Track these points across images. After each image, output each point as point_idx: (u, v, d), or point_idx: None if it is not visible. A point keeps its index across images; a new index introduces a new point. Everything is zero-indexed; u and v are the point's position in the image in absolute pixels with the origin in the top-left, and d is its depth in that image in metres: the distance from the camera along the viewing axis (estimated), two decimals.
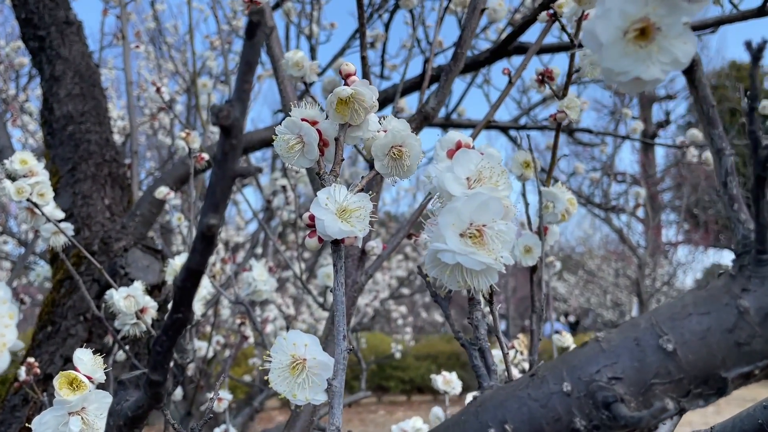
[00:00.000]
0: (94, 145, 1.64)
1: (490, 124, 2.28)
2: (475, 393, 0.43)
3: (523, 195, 0.98)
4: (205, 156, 1.19)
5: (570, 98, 0.91)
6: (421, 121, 1.11)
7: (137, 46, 2.33)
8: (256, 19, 0.28)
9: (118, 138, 3.38)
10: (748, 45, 0.30)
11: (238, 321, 1.41)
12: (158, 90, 1.37)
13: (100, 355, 0.62)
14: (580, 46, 0.93)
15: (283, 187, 1.70)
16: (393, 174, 0.57)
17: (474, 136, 1.09)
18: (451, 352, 9.06)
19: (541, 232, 0.97)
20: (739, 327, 0.31)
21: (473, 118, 2.30)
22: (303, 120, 0.54)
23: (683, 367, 0.32)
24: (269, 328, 2.45)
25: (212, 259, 2.20)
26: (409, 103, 2.20)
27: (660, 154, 14.17)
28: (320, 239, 0.49)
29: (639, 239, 10.30)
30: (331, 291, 1.14)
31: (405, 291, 6.03)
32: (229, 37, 3.18)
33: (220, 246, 4.25)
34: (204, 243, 0.30)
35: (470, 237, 0.42)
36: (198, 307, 1.08)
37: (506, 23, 2.19)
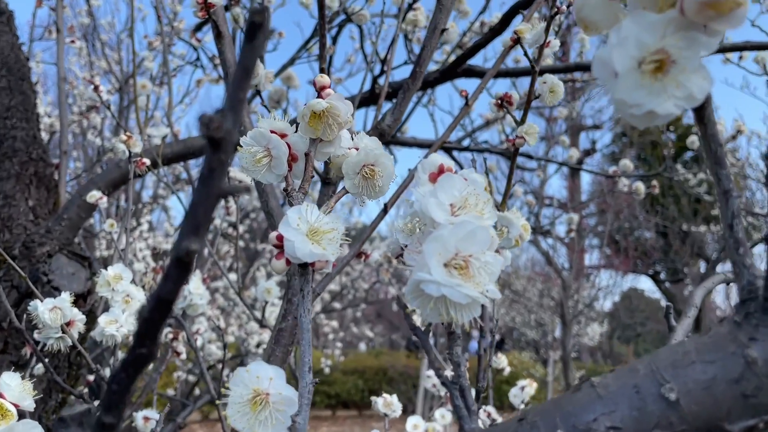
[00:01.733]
0: (20, 142, 1.52)
1: (432, 145, 2.29)
2: None
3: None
4: (146, 161, 1.12)
5: (529, 125, 0.91)
6: (377, 137, 1.09)
7: (73, 41, 2.20)
8: (258, 19, 0.25)
9: (44, 136, 3.19)
10: (765, 157, 0.29)
11: (170, 336, 1.33)
12: (96, 88, 1.28)
13: (16, 368, 0.56)
14: (541, 72, 0.93)
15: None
16: (363, 194, 0.54)
17: (433, 150, 1.08)
18: (379, 367, 9.04)
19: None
20: (746, 378, 0.30)
21: (417, 137, 2.30)
22: (272, 132, 0.50)
23: (686, 418, 0.31)
24: (198, 341, 2.35)
25: (141, 267, 2.09)
26: (356, 118, 2.17)
27: (585, 181, 14.73)
28: (288, 261, 0.45)
29: (564, 262, 10.64)
30: (271, 304, 1.08)
31: (336, 305, 5.97)
32: (170, 39, 3.07)
33: (147, 253, 4.08)
34: (179, 270, 0.26)
35: (456, 268, 0.39)
36: (130, 321, 1.00)
37: (454, 45, 2.21)
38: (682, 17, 0.31)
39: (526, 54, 0.92)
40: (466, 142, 2.50)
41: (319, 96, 0.51)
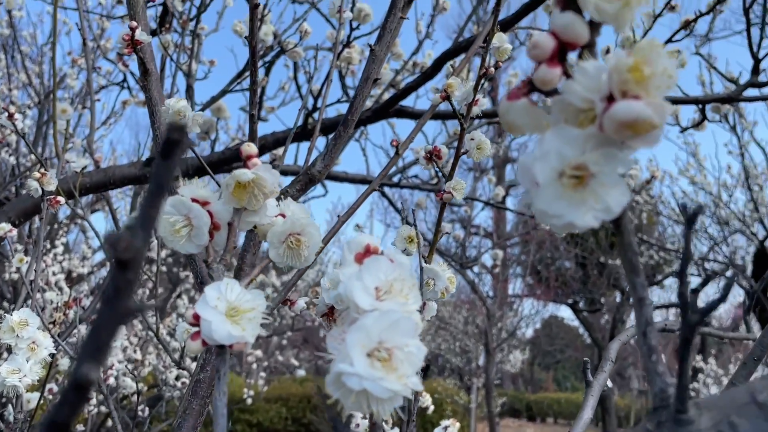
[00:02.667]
0: None
1: (365, 180, 2.30)
2: None
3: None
4: (60, 199, 1.06)
5: (456, 180, 0.92)
6: (307, 183, 1.08)
7: None
8: (175, 137, 0.24)
9: None
10: (683, 208, 0.30)
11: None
12: (11, 117, 1.20)
13: None
14: (483, 116, 0.95)
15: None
16: (288, 263, 0.52)
17: (360, 203, 1.08)
18: (303, 394, 8.88)
19: (421, 308, 0.96)
20: None
21: (349, 171, 2.30)
22: (194, 200, 0.48)
23: None
24: (111, 380, 2.23)
25: (55, 299, 1.98)
26: (289, 152, 2.15)
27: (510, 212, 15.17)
28: (204, 342, 0.43)
29: (488, 290, 10.85)
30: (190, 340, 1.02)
31: (262, 332, 5.83)
32: (95, 59, 2.96)
33: (61, 277, 3.87)
34: (76, 395, 0.24)
35: (379, 359, 0.39)
36: (35, 370, 0.94)
37: (387, 84, 2.24)
38: (601, 134, 0.32)
39: (454, 111, 0.94)
40: (397, 178, 2.52)
41: (245, 165, 0.49)
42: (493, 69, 0.94)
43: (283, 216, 0.53)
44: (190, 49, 2.18)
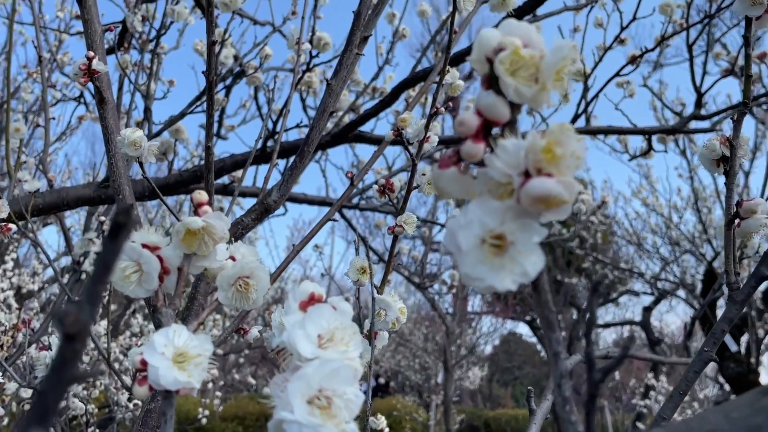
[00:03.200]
0: None
1: (324, 202, 2.32)
2: None
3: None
4: (12, 227, 1.05)
5: (408, 215, 0.95)
6: (262, 212, 1.09)
7: None
8: (122, 220, 0.26)
9: None
10: (589, 281, 0.33)
11: (27, 407, 1.23)
12: None
13: None
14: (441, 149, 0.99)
15: (98, 254, 1.54)
16: (236, 305, 0.54)
17: (314, 233, 1.10)
18: (260, 412, 8.77)
19: (372, 338, 0.99)
20: None
21: (308, 193, 2.32)
22: (144, 246, 0.50)
23: None
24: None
25: (3, 319, 1.94)
26: (248, 174, 2.16)
27: None
28: (151, 387, 0.45)
29: (448, 307, 10.92)
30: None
31: (218, 351, 5.75)
32: (51, 73, 2.92)
33: (10, 294, 3.76)
34: None
35: (318, 407, 0.41)
36: None
37: (347, 108, 2.27)
38: (519, 206, 0.35)
39: (406, 148, 0.97)
40: (356, 200, 2.55)
41: (196, 213, 0.51)
42: (443, 109, 0.98)
43: (233, 259, 0.55)
44: (149, 68, 2.18)
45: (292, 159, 2.15)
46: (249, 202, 4.09)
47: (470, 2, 0.92)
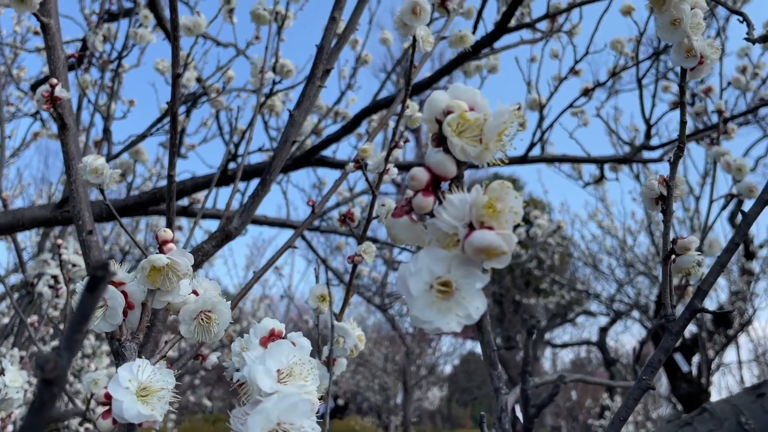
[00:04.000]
0: None
1: (285, 224, 2.33)
2: None
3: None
4: None
5: (367, 244, 0.98)
6: (223, 239, 1.11)
7: None
8: (100, 274, 0.28)
9: None
10: (525, 323, 0.37)
11: None
12: None
13: None
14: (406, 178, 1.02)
15: (54, 277, 1.53)
16: (198, 339, 0.56)
17: (273, 261, 1.12)
18: None
19: (330, 364, 1.01)
20: None
21: (269, 215, 2.32)
22: (109, 282, 0.52)
23: None
24: (9, 427, 2.11)
25: None
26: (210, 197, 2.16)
27: None
28: (115, 420, 0.47)
29: (408, 327, 10.94)
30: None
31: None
32: (5, 81, 2.87)
33: None
34: None
35: None
36: None
37: (310, 132, 2.30)
38: (463, 255, 0.38)
39: (366, 179, 1.00)
40: (317, 222, 2.56)
41: (161, 250, 0.53)
42: (402, 143, 1.02)
43: (196, 293, 0.57)
44: (110, 87, 2.17)
45: (254, 182, 2.16)
46: (209, 223, 4.06)
47: (429, 43, 0.96)
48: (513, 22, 1.68)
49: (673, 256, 0.76)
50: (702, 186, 6.64)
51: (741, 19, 1.02)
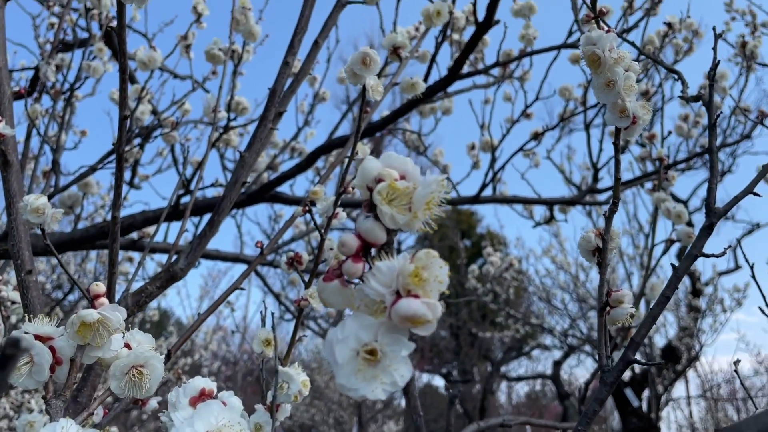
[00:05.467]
0: None
1: (238, 259, 2.30)
2: None
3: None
4: None
5: (314, 288, 0.98)
6: (168, 280, 1.09)
7: None
8: (10, 353, 0.28)
9: None
10: (452, 398, 0.37)
11: None
12: None
13: None
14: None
15: None
16: (129, 394, 0.55)
17: (221, 301, 1.10)
18: None
19: (273, 410, 1.00)
20: None
21: (221, 249, 2.30)
22: (37, 337, 0.51)
23: None
24: None
25: None
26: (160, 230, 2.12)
27: None
28: None
29: None
30: None
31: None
32: None
33: None
34: None
35: None
36: None
37: (265, 166, 2.30)
38: (390, 322, 0.39)
39: (315, 223, 1.01)
40: (271, 257, 2.54)
41: (92, 305, 0.52)
42: (351, 189, 1.03)
43: (129, 347, 0.56)
44: (61, 117, 2.13)
45: (206, 217, 2.13)
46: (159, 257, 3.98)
47: (378, 93, 0.98)
48: (466, 68, 1.73)
49: (608, 308, 0.79)
50: (650, 224, 6.85)
51: (676, 77, 1.08)
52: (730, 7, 4.97)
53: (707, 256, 0.82)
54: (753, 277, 1.21)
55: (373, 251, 0.42)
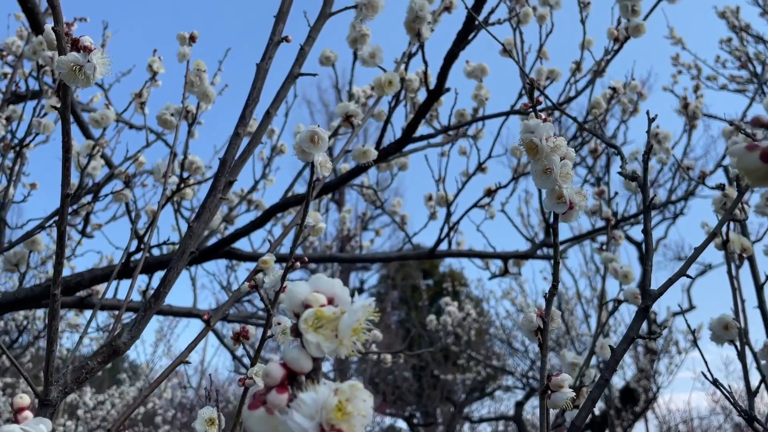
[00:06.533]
0: None
1: (191, 314, 2.26)
2: None
3: None
4: None
5: (259, 366, 0.97)
6: (110, 354, 1.06)
7: None
8: None
9: None
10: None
11: None
12: None
13: None
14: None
15: None
16: None
17: (167, 374, 1.08)
18: None
19: None
20: None
21: (174, 305, 2.25)
22: None
23: None
24: None
25: None
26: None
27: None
28: None
29: None
30: None
31: None
32: None
33: None
34: None
35: None
36: None
37: (220, 221, 2.29)
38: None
39: (262, 299, 1.00)
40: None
41: (16, 419, 0.51)
42: (299, 264, 1.03)
43: None
44: (10, 169, 2.09)
45: (156, 275, 2.10)
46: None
47: (327, 169, 0.99)
48: (420, 129, 1.76)
49: (548, 392, 0.80)
50: (601, 282, 6.99)
51: (615, 152, 1.12)
52: (677, 61, 5.21)
53: (643, 338, 0.85)
54: (695, 342, 1.25)
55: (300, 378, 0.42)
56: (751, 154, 0.37)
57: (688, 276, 0.84)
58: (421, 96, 1.86)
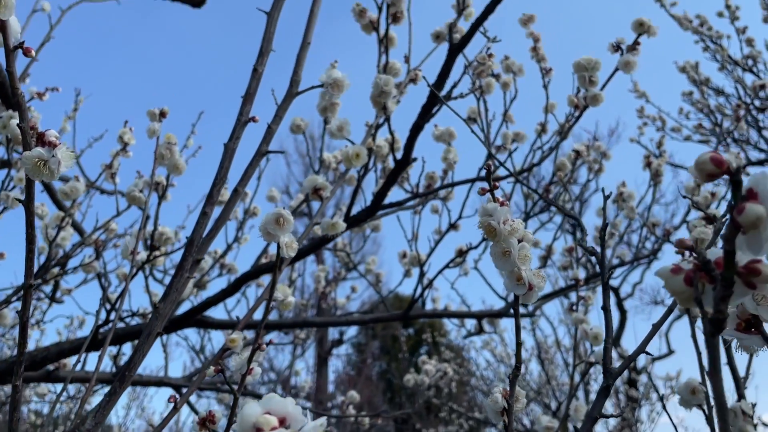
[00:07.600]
0: None
1: (161, 383, 2.22)
2: None
3: None
4: None
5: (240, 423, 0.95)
6: None
7: None
8: None
9: None
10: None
11: None
12: None
13: None
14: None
15: None
16: None
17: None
18: None
19: None
20: None
21: (143, 374, 2.21)
22: None
23: None
24: None
25: None
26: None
27: (332, 371, 15.09)
28: None
29: None
30: None
31: None
32: None
33: None
34: None
35: None
36: None
37: (192, 286, 2.27)
38: None
39: (227, 383, 0.99)
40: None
41: None
42: (265, 345, 1.03)
43: None
44: None
45: (125, 346, 2.06)
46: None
47: (292, 249, 1.01)
48: (391, 191, 1.79)
49: None
50: (572, 343, 7.02)
51: (576, 223, 1.15)
52: (642, 113, 5.39)
53: (607, 417, 0.85)
54: (664, 408, 1.26)
55: None
56: (677, 277, 0.39)
57: (648, 353, 0.86)
58: (391, 162, 1.90)
